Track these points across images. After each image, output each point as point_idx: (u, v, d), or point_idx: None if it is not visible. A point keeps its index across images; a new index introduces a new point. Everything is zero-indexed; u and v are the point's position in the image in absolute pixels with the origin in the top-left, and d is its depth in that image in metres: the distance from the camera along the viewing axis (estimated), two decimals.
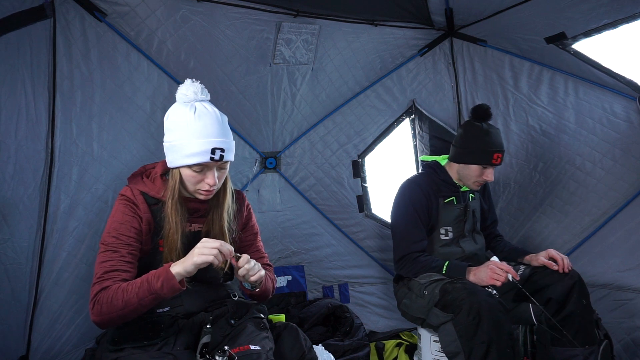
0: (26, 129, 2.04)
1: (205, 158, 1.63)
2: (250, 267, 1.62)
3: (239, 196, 1.98)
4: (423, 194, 2.50)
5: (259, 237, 2.05)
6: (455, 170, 2.56)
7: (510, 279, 2.18)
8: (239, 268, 1.62)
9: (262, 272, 1.67)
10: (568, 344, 2.12)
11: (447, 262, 2.37)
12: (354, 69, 3.04)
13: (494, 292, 2.18)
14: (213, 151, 1.64)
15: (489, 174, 2.45)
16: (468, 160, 2.45)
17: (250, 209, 2.03)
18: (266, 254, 2.05)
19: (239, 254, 1.63)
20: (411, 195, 2.51)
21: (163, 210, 1.71)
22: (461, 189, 2.58)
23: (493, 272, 2.19)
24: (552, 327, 2.17)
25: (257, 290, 1.79)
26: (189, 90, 1.68)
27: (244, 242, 1.98)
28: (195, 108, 1.67)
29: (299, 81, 2.91)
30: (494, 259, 2.29)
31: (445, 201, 2.54)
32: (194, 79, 1.72)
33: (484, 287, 2.21)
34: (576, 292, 2.18)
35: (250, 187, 2.98)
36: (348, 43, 2.91)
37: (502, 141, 2.47)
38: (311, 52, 2.82)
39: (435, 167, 2.62)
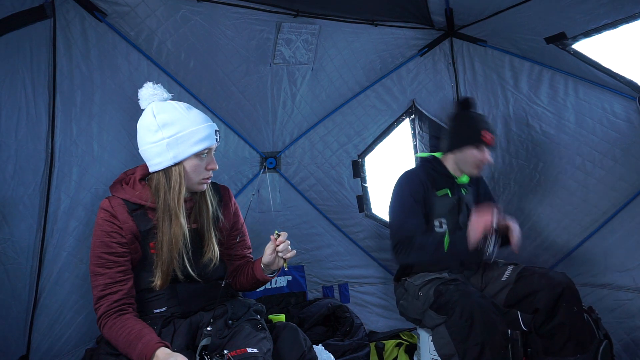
0: (26, 129, 2.04)
1: (212, 141, 1.73)
2: (288, 243, 1.72)
3: (225, 192, 1.99)
4: (421, 183, 2.48)
5: (246, 231, 2.05)
6: (452, 162, 2.52)
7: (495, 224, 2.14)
8: (280, 243, 1.70)
9: (294, 251, 1.75)
10: (560, 352, 2.10)
11: (448, 239, 2.24)
12: (354, 69, 3.04)
13: (493, 249, 2.16)
14: (215, 133, 1.75)
15: (486, 155, 2.42)
16: (461, 144, 2.44)
17: (235, 203, 2.03)
18: (251, 249, 2.07)
19: (278, 232, 1.72)
20: (410, 185, 2.49)
21: (148, 215, 1.71)
22: (457, 181, 2.52)
23: (476, 226, 2.12)
24: (541, 336, 2.15)
25: (273, 276, 1.87)
26: (158, 90, 1.75)
27: (232, 236, 1.97)
28: (176, 102, 1.74)
29: (299, 81, 2.91)
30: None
31: (440, 193, 2.49)
32: (156, 82, 1.78)
33: (483, 238, 2.13)
34: (565, 300, 2.12)
35: (250, 187, 2.98)
36: (348, 43, 2.91)
37: (489, 123, 2.52)
38: (311, 52, 2.82)
39: (431, 159, 2.59)
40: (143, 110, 1.75)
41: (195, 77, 2.61)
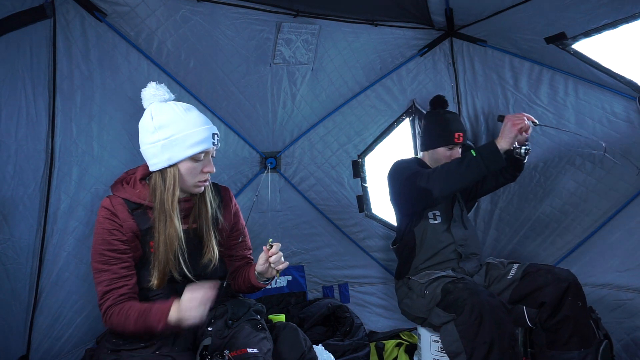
0: (26, 129, 2.04)
1: (209, 144, 1.71)
2: (281, 255, 1.71)
3: (225, 192, 1.99)
4: (417, 164, 2.65)
5: (247, 232, 2.06)
6: (428, 159, 2.72)
7: (531, 123, 2.27)
8: (272, 255, 1.70)
9: (287, 263, 1.75)
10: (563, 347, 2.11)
11: (474, 152, 2.22)
12: (354, 69, 3.04)
13: (527, 148, 2.32)
14: (213, 136, 1.73)
15: (457, 153, 2.61)
16: (434, 145, 2.65)
17: (236, 204, 2.04)
18: (251, 250, 2.08)
19: (271, 242, 1.71)
20: (408, 162, 2.65)
21: (148, 214, 1.72)
22: None
23: (512, 122, 2.23)
24: (546, 330, 2.16)
25: (267, 283, 1.86)
26: (160, 90, 1.74)
27: (233, 237, 1.98)
28: (176, 104, 1.73)
29: (299, 81, 2.91)
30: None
31: None
32: (157, 82, 1.77)
33: (518, 146, 2.34)
34: (570, 295, 2.15)
35: (250, 187, 2.98)
36: (348, 43, 2.91)
37: (460, 122, 2.73)
38: (311, 52, 2.82)
39: (415, 159, 2.78)
40: (145, 109, 1.75)
41: (195, 77, 2.61)
